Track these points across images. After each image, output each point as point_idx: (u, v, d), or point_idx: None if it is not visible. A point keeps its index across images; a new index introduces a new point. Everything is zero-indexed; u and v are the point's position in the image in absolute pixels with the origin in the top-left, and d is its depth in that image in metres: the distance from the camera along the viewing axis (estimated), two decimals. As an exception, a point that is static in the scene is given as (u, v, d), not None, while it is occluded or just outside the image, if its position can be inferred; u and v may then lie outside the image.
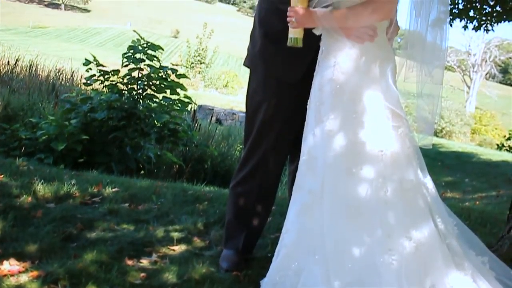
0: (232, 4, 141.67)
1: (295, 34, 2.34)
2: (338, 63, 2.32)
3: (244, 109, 2.88)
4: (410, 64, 2.40)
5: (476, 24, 7.98)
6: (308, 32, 2.37)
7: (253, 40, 2.71)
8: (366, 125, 2.27)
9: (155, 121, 6.50)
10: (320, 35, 2.41)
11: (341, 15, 2.27)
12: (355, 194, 2.25)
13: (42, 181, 3.84)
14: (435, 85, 2.39)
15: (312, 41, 2.41)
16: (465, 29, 8.13)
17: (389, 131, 2.28)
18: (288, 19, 2.33)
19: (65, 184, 3.86)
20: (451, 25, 7.87)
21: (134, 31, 7.32)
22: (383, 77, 2.31)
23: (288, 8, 2.32)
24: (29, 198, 3.48)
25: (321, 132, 2.32)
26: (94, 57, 6.49)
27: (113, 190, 3.95)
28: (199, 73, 29.87)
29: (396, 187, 2.25)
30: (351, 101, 2.29)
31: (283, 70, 2.59)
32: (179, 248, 2.96)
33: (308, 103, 2.45)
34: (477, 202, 7.17)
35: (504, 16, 7.65)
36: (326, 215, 2.27)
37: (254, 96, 2.72)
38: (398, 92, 2.34)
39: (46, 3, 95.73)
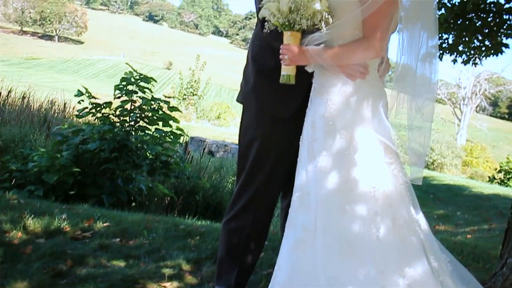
0: (225, 36, 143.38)
1: (287, 71, 2.35)
2: (330, 99, 2.34)
3: (236, 141, 2.89)
4: (402, 97, 2.42)
5: (466, 58, 8.12)
6: (300, 69, 2.39)
7: (246, 76, 2.73)
8: (358, 162, 2.27)
9: (147, 153, 6.49)
10: (313, 72, 2.43)
11: (333, 52, 2.30)
12: (348, 231, 2.24)
13: (33, 215, 3.81)
14: (426, 118, 2.41)
15: (304, 78, 2.43)
16: (454, 63, 8.25)
17: (382, 168, 2.29)
18: (280, 56, 2.34)
19: (56, 219, 3.82)
20: (441, 59, 8.01)
21: (127, 63, 7.35)
22: (376, 114, 2.33)
23: (281, 46, 2.34)
24: (19, 233, 3.44)
25: (314, 169, 2.32)
26: (86, 89, 6.50)
27: (104, 224, 3.91)
28: (191, 104, 30.01)
29: (389, 224, 2.24)
30: (344, 138, 2.30)
31: (276, 106, 2.61)
32: (170, 285, 2.92)
33: (300, 139, 2.45)
34: (469, 236, 7.16)
35: (493, 51, 7.79)
36: (319, 252, 2.26)
37: (247, 132, 2.73)
38: (390, 127, 2.35)
39: (40, 35, 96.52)
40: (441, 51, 7.71)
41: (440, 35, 7.47)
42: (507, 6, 7.41)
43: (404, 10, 2.36)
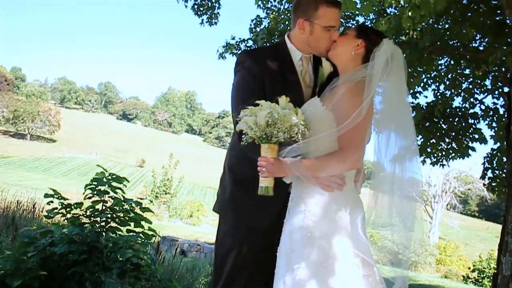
0: (198, 134, 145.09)
1: (265, 183, 2.34)
2: (308, 211, 2.35)
3: (208, 240, 2.82)
4: (380, 196, 2.43)
5: (434, 160, 8.37)
6: (278, 180, 2.39)
7: (223, 186, 2.72)
8: (337, 274, 2.24)
9: (118, 256, 6.31)
10: (291, 182, 2.44)
11: (310, 164, 2.32)
12: None
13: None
14: (400, 216, 2.41)
15: (282, 189, 2.44)
16: (423, 164, 8.50)
17: (360, 281, 2.26)
18: (258, 168, 2.34)
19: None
20: (410, 160, 8.23)
21: (98, 165, 7.32)
22: (353, 226, 2.33)
23: (259, 158, 2.35)
24: None
25: (292, 281, 2.28)
26: (55, 191, 6.39)
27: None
28: (164, 203, 29.73)
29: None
30: (322, 249, 2.27)
31: (253, 216, 2.58)
32: None
33: (278, 250, 2.43)
34: None
35: (459, 153, 8.06)
36: None
37: (223, 242, 2.68)
38: (368, 242, 2.34)
39: (11, 133, 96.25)
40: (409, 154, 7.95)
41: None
42: (471, 111, 7.78)
43: (377, 113, 2.43)
